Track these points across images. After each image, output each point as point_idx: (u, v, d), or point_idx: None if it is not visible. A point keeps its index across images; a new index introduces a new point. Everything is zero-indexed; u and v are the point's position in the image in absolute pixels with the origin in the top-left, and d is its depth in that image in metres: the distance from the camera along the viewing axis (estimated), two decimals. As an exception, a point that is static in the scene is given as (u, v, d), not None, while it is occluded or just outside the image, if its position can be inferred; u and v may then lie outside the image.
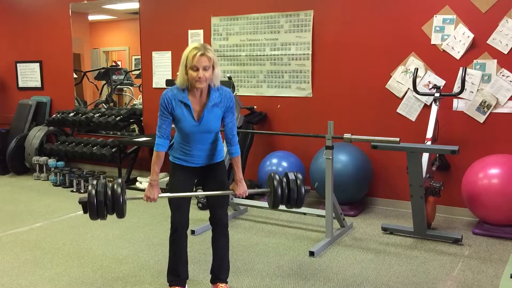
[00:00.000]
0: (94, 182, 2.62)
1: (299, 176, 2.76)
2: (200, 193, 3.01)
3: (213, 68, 2.65)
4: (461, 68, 4.30)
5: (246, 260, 3.56)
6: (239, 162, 2.84)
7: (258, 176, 5.06)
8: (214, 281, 3.01)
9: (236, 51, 5.51)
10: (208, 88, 2.72)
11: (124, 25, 7.32)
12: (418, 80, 4.50)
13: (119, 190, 2.59)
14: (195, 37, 5.73)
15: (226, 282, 3.01)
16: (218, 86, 2.75)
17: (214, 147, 2.86)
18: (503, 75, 4.27)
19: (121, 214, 2.62)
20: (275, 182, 2.71)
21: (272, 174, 2.78)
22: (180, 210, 2.86)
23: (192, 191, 2.96)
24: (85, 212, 2.59)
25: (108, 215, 2.61)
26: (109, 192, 2.57)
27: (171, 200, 2.88)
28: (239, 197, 2.86)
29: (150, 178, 2.79)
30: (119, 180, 2.65)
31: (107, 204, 2.56)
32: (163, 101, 2.72)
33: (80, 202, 2.60)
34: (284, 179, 2.74)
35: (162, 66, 6.04)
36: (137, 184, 5.81)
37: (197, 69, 2.59)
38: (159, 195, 2.78)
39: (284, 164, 4.91)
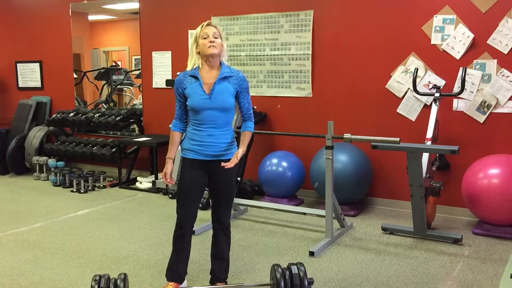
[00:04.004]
0: (97, 277, 2.59)
1: (302, 268, 2.70)
2: None
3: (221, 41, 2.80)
4: (461, 68, 4.30)
5: (246, 260, 3.56)
6: (248, 138, 2.87)
7: (258, 176, 5.06)
8: (213, 281, 3.01)
9: (236, 51, 5.51)
10: (219, 64, 2.84)
11: (124, 25, 7.31)
12: (418, 80, 4.50)
13: (122, 285, 2.58)
14: (195, 37, 5.72)
15: (226, 282, 3.01)
16: (230, 66, 2.87)
17: (226, 134, 2.82)
18: (503, 75, 4.27)
19: None
20: (278, 275, 2.68)
21: (275, 267, 2.74)
22: (186, 206, 2.84)
23: (204, 189, 2.92)
24: None
25: None
26: None
27: (179, 196, 2.87)
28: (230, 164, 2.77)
29: (166, 156, 2.88)
30: (122, 276, 2.64)
31: None
32: (175, 84, 2.85)
33: None
34: (287, 272, 2.70)
35: (162, 66, 6.04)
36: (137, 184, 5.81)
37: (207, 36, 2.75)
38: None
39: (284, 164, 4.90)
